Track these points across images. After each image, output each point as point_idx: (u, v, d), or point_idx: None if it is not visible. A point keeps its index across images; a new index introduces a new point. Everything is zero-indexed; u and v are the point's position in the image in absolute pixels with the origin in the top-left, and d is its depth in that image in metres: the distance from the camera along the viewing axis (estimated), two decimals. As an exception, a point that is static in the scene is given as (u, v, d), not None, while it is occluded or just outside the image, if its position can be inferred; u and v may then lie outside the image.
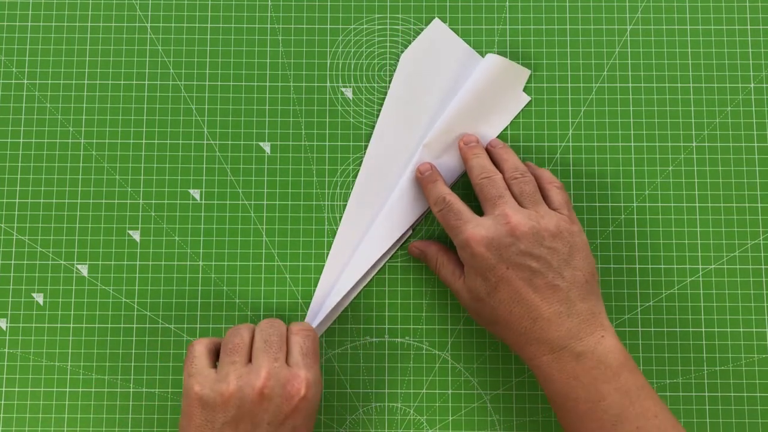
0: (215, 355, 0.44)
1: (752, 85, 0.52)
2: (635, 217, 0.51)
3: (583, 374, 0.41)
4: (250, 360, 0.43)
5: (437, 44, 0.52)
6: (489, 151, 0.49)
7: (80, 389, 0.49)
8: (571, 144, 0.52)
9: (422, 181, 0.49)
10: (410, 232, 0.51)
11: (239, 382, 0.41)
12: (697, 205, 0.51)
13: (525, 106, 0.52)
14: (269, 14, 0.53)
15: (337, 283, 0.50)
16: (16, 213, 0.51)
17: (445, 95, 0.51)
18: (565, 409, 0.42)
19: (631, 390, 0.41)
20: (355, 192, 0.51)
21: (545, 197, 0.47)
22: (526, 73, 0.52)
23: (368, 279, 0.50)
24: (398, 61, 0.52)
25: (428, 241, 0.50)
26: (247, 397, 0.41)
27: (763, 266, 0.50)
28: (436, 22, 0.52)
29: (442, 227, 0.50)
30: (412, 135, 0.51)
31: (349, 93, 0.52)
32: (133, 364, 0.50)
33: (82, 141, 0.52)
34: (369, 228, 0.50)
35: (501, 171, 0.47)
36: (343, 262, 0.50)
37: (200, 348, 0.44)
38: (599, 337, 0.42)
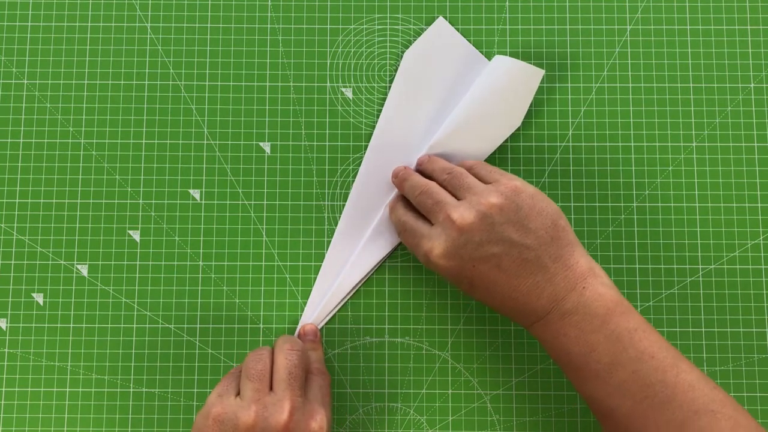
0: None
1: (752, 85, 0.52)
2: (635, 217, 0.51)
3: (570, 329, 0.41)
4: (270, 387, 0.42)
5: (440, 43, 0.52)
6: (419, 171, 0.50)
7: (80, 389, 0.49)
8: (571, 144, 0.52)
9: (389, 213, 0.50)
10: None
11: (263, 413, 0.40)
12: (697, 205, 0.51)
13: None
14: (269, 14, 0.53)
15: (335, 283, 0.50)
16: (16, 213, 0.51)
17: (448, 94, 0.51)
18: (563, 366, 0.42)
19: (622, 334, 0.40)
20: (356, 189, 0.51)
21: (477, 178, 0.46)
22: (540, 73, 0.51)
23: (366, 279, 0.50)
24: (400, 59, 0.52)
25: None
26: (271, 429, 0.40)
27: (763, 266, 0.50)
28: (440, 20, 0.52)
29: None
30: (413, 133, 0.51)
31: (349, 93, 0.52)
32: (133, 364, 0.50)
33: (82, 141, 0.52)
34: (368, 227, 0.50)
35: (433, 180, 0.47)
36: (342, 262, 0.50)
37: (236, 374, 0.44)
38: (581, 289, 0.41)
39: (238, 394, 0.42)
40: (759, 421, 0.49)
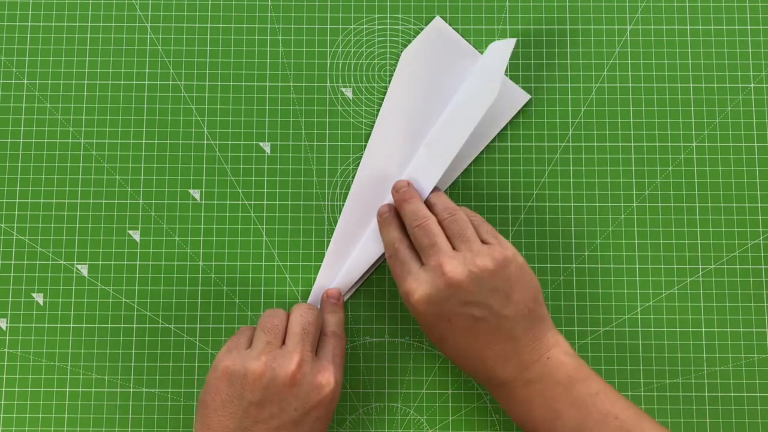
0: None
1: (752, 85, 0.52)
2: (635, 217, 0.51)
3: (535, 397, 0.42)
4: (283, 343, 0.43)
5: (438, 42, 0.52)
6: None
7: (80, 389, 0.49)
8: (571, 144, 0.52)
9: (379, 222, 0.48)
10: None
11: (272, 363, 0.41)
12: (697, 205, 0.51)
13: (525, 106, 0.52)
14: (269, 14, 0.53)
15: (335, 281, 0.50)
16: (16, 213, 0.51)
17: (446, 93, 0.51)
18: (529, 431, 0.43)
19: (585, 400, 0.41)
20: (354, 189, 0.51)
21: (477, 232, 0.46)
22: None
23: (365, 278, 0.50)
24: (398, 59, 0.52)
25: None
26: (278, 379, 0.41)
27: (763, 266, 0.50)
28: (437, 20, 0.52)
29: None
30: (411, 132, 0.51)
31: (349, 93, 0.52)
32: (133, 364, 0.50)
33: (82, 141, 0.52)
34: (367, 225, 0.50)
35: (433, 213, 0.46)
36: (341, 259, 0.50)
37: (248, 332, 0.45)
38: (545, 359, 0.42)
39: (248, 348, 0.43)
40: (759, 421, 0.49)
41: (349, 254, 0.50)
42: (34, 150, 0.51)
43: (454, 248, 0.44)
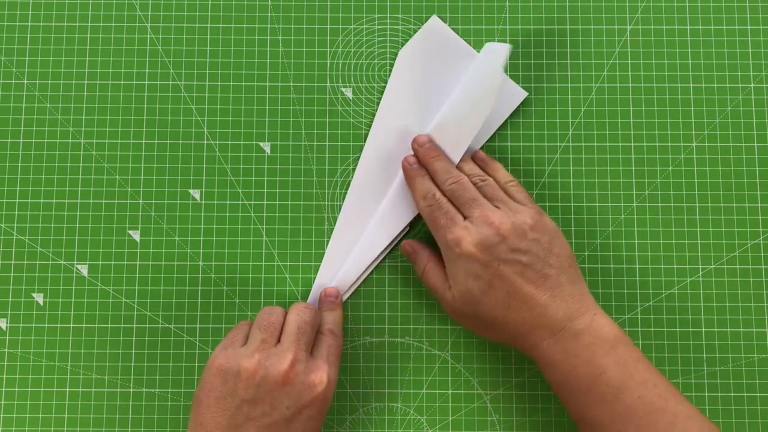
0: None
1: (752, 85, 0.52)
2: (635, 217, 0.51)
3: (582, 351, 0.41)
4: (278, 341, 0.43)
5: (435, 41, 0.52)
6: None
7: (80, 389, 0.49)
8: (571, 144, 0.52)
9: (409, 172, 0.49)
10: (407, 229, 0.51)
11: (265, 362, 0.41)
12: (697, 205, 0.51)
13: (525, 106, 0.52)
14: (269, 14, 0.53)
15: (334, 280, 0.50)
16: (16, 213, 0.51)
17: (443, 91, 0.51)
18: (569, 390, 0.42)
19: (628, 362, 0.41)
20: (353, 187, 0.51)
21: (508, 196, 0.47)
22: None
23: (365, 276, 0.50)
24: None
25: (421, 244, 0.49)
26: (271, 377, 0.41)
27: (763, 266, 0.50)
28: (434, 19, 0.52)
29: None
30: (409, 130, 0.51)
31: (349, 93, 0.52)
32: (133, 364, 0.50)
33: (82, 141, 0.52)
34: (366, 224, 0.50)
35: (438, 184, 0.47)
36: (341, 258, 0.50)
37: (246, 327, 0.45)
38: (592, 314, 0.43)
39: (243, 345, 0.43)
40: (759, 421, 0.49)
41: (349, 253, 0.50)
42: (34, 150, 0.51)
43: None
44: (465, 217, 0.45)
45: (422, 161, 0.49)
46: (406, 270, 0.51)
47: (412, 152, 0.51)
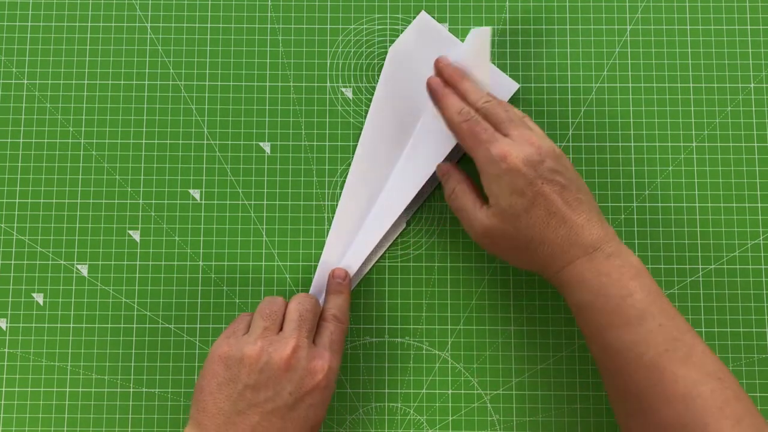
0: None
1: (752, 85, 0.52)
2: (635, 217, 0.51)
3: (613, 271, 0.42)
4: (281, 330, 0.44)
5: (424, 36, 0.52)
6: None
7: (80, 389, 0.49)
8: (571, 144, 0.52)
9: (439, 91, 0.49)
10: (404, 226, 0.51)
11: (268, 348, 0.42)
12: (697, 205, 0.51)
13: (525, 106, 0.52)
14: (269, 14, 0.53)
15: (342, 261, 0.50)
16: (16, 213, 0.51)
17: None
18: (595, 310, 0.42)
19: (652, 290, 0.42)
20: (347, 188, 0.51)
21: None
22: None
23: (374, 261, 0.50)
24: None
25: (455, 167, 0.49)
26: (274, 363, 0.41)
27: (763, 266, 0.50)
28: (423, 14, 0.53)
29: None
30: (402, 128, 0.51)
31: (349, 93, 0.52)
32: (133, 364, 0.50)
33: (82, 141, 0.52)
34: (366, 210, 0.50)
35: (471, 103, 0.48)
36: (343, 243, 0.50)
37: (246, 318, 0.45)
38: (618, 242, 0.44)
39: (245, 335, 0.44)
40: (759, 421, 0.49)
41: (351, 237, 0.50)
42: (34, 150, 0.51)
43: None
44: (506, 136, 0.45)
45: (449, 81, 0.49)
46: (406, 270, 0.51)
47: (407, 150, 0.50)
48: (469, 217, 0.46)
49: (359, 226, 0.51)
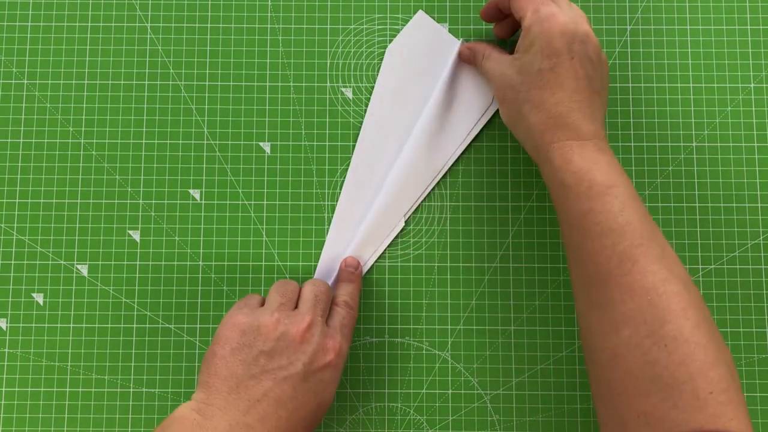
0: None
1: (752, 85, 0.52)
2: (635, 217, 0.51)
3: (601, 161, 0.43)
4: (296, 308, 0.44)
5: (422, 35, 0.52)
6: None
7: (80, 389, 0.49)
8: (571, 144, 0.52)
9: None
10: (402, 225, 0.51)
11: (285, 320, 0.42)
12: (697, 205, 0.51)
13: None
14: (269, 14, 0.53)
15: (349, 249, 0.50)
16: (16, 213, 0.51)
17: (432, 84, 0.52)
18: (576, 192, 0.42)
19: (634, 192, 0.42)
20: (346, 186, 0.51)
21: None
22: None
23: (381, 250, 0.51)
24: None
25: (477, 42, 0.51)
26: (289, 334, 0.42)
27: (763, 266, 0.50)
28: (420, 13, 0.53)
29: (441, 220, 0.50)
30: (401, 126, 0.51)
31: (349, 93, 0.52)
32: (133, 364, 0.50)
33: (82, 141, 0.52)
34: (363, 221, 0.50)
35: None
36: (345, 239, 0.50)
37: (258, 296, 0.46)
38: (610, 148, 0.44)
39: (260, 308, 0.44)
40: (759, 421, 0.49)
41: (351, 237, 0.50)
42: (34, 150, 0.51)
43: None
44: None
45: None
46: (406, 270, 0.51)
47: (405, 149, 0.51)
48: (493, 68, 0.48)
49: (358, 225, 0.51)
